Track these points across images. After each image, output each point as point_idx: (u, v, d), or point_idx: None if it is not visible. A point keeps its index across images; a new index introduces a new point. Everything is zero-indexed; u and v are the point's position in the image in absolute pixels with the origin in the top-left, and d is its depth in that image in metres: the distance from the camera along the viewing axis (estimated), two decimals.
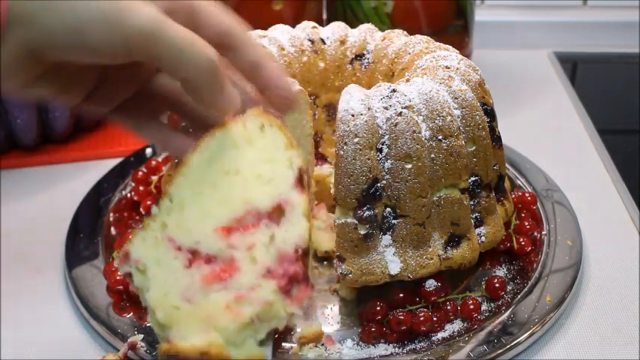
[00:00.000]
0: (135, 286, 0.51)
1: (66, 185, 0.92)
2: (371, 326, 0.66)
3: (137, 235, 0.52)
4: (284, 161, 0.54)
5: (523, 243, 0.75)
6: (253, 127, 0.55)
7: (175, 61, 0.47)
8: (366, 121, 0.64)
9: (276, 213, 0.52)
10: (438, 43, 0.77)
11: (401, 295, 0.68)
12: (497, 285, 0.70)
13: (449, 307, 0.68)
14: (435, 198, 0.67)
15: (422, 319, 0.66)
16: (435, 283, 0.68)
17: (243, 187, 0.53)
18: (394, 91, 0.66)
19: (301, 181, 0.53)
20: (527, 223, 0.76)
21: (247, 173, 0.53)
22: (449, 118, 0.67)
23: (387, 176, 0.65)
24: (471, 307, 0.68)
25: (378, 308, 0.66)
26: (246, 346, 0.49)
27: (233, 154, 0.54)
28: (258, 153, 0.54)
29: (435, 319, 0.66)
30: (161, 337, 0.50)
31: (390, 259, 0.66)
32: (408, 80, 0.70)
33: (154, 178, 0.85)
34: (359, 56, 0.80)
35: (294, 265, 0.50)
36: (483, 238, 0.71)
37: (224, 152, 0.54)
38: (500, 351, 0.64)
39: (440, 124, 0.66)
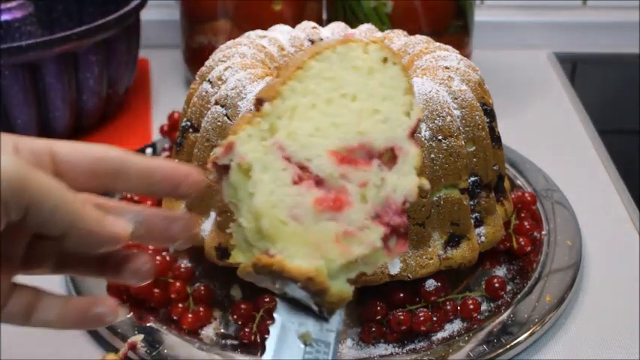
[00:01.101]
0: (227, 183, 0.48)
1: None
2: (371, 326, 0.66)
3: (243, 128, 0.48)
4: (402, 106, 0.50)
5: (523, 243, 0.75)
6: (376, 56, 0.50)
7: (46, 217, 0.41)
8: None
9: (389, 157, 0.49)
10: (437, 44, 0.77)
11: (401, 295, 0.68)
12: (497, 285, 0.70)
13: (449, 307, 0.68)
14: (434, 198, 0.67)
15: (422, 319, 0.66)
16: (435, 283, 0.68)
17: (359, 117, 0.49)
18: None
19: (414, 134, 0.50)
20: (526, 223, 0.76)
21: (364, 104, 0.49)
22: (449, 118, 0.67)
23: None
24: (471, 306, 0.68)
25: (378, 308, 0.66)
26: (339, 282, 0.47)
27: (352, 77, 0.50)
28: (377, 87, 0.50)
29: (434, 318, 0.66)
30: (252, 248, 0.48)
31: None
32: None
33: None
34: None
35: (399, 217, 0.48)
36: (483, 238, 0.71)
37: (343, 72, 0.50)
38: (500, 351, 0.64)
39: (440, 124, 0.66)
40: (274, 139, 0.48)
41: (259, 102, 0.49)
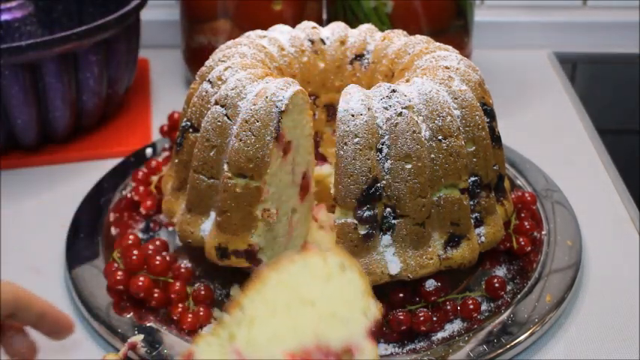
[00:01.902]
0: None
1: (66, 185, 0.92)
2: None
3: (203, 338, 0.54)
4: (360, 307, 0.55)
5: (523, 243, 0.75)
6: (334, 264, 0.56)
7: None
8: (366, 122, 0.64)
9: (345, 356, 0.53)
10: (437, 44, 0.77)
11: (401, 295, 0.68)
12: (497, 285, 0.70)
13: (449, 307, 0.68)
14: (434, 198, 0.67)
15: (422, 319, 0.66)
16: (435, 283, 0.68)
17: (317, 320, 0.54)
18: (394, 91, 0.66)
19: (373, 332, 0.54)
20: (527, 223, 0.76)
21: (322, 308, 0.54)
22: (449, 118, 0.67)
23: (387, 176, 0.65)
24: (471, 306, 0.68)
25: None
26: None
27: (311, 284, 0.55)
28: (336, 291, 0.55)
29: (434, 319, 0.67)
30: None
31: (389, 259, 0.66)
32: (408, 80, 0.70)
33: (154, 178, 0.85)
34: (359, 56, 0.80)
35: None
36: (483, 238, 0.71)
37: (303, 280, 0.55)
38: (500, 351, 0.64)
39: (440, 124, 0.66)
40: (232, 345, 0.53)
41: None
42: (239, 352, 0.53)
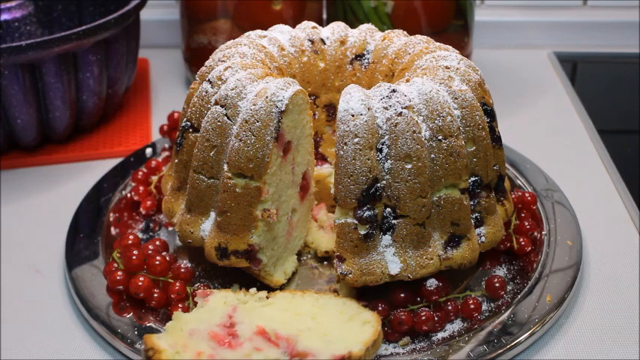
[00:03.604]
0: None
1: (66, 185, 0.92)
2: None
3: (232, 290, 0.67)
4: (350, 345, 0.61)
5: (523, 243, 0.75)
6: (363, 317, 0.64)
7: None
8: (366, 122, 0.64)
9: (298, 357, 0.60)
10: (438, 43, 0.77)
11: (402, 295, 0.68)
12: (497, 285, 0.70)
13: (450, 307, 0.68)
14: (435, 198, 0.67)
15: (423, 318, 0.66)
16: (436, 282, 0.68)
17: (306, 328, 0.63)
18: (394, 91, 0.66)
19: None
20: (527, 223, 0.76)
21: (321, 327, 0.63)
22: (449, 118, 0.67)
23: (387, 176, 0.65)
24: (472, 306, 0.68)
25: (380, 309, 0.66)
26: None
27: (332, 314, 0.65)
28: (344, 329, 0.63)
29: (436, 318, 0.66)
30: None
31: (390, 259, 0.66)
32: (408, 80, 0.70)
33: (154, 178, 0.85)
34: (359, 56, 0.80)
35: None
36: (483, 238, 0.71)
37: (330, 309, 0.65)
38: (500, 351, 0.64)
39: (440, 124, 0.66)
40: (239, 306, 0.65)
41: None
42: (235, 309, 0.64)
